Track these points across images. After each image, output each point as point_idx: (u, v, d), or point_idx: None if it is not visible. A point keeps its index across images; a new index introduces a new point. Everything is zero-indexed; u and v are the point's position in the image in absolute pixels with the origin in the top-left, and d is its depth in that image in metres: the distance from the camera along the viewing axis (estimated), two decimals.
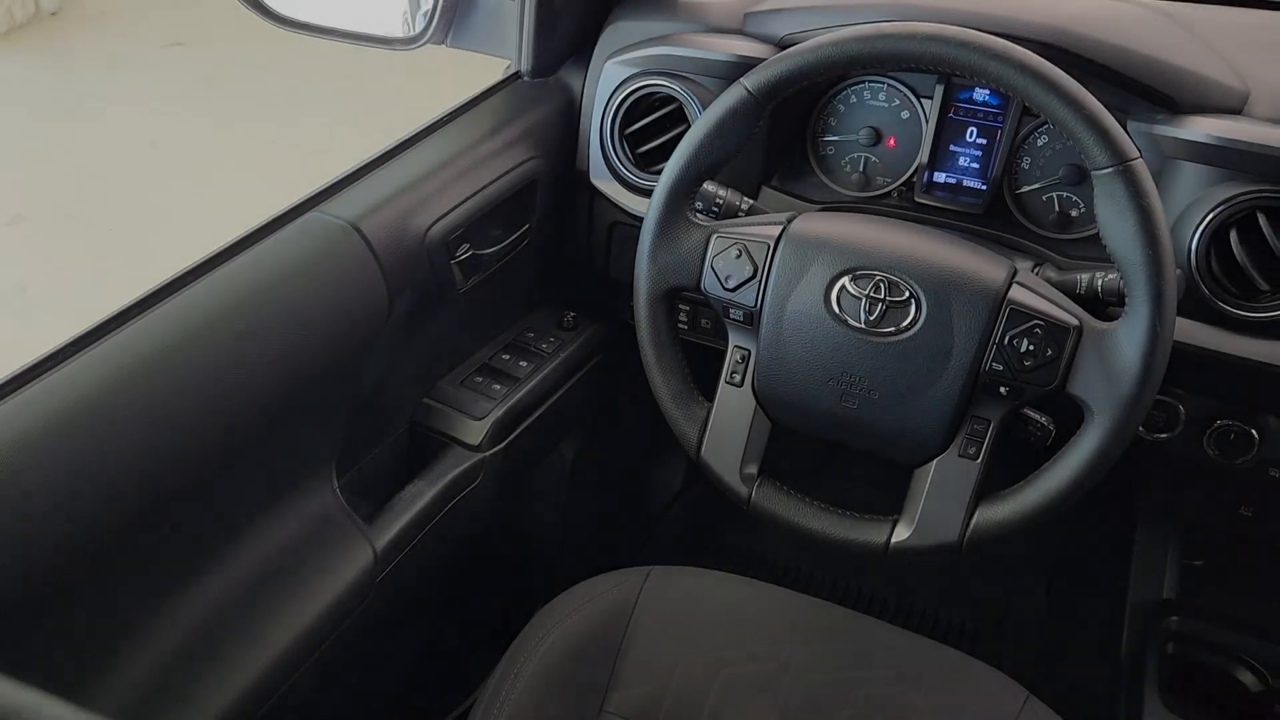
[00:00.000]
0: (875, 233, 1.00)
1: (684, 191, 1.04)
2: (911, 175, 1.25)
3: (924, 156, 1.24)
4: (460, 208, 1.15)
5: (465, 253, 1.16)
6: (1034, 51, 1.01)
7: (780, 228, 1.02)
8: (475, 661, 1.24)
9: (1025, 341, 0.92)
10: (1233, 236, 1.01)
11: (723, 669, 1.14)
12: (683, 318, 1.32)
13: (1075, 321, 0.92)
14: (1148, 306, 0.88)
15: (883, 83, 1.26)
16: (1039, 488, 0.95)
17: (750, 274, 1.01)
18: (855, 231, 1.00)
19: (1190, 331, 1.05)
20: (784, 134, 1.28)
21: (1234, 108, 1.05)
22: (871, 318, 0.97)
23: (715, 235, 1.03)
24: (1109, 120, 0.89)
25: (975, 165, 1.25)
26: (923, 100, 1.25)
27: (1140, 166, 0.88)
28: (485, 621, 1.54)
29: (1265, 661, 1.28)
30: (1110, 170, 0.88)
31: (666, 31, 1.26)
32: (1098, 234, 0.92)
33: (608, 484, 1.74)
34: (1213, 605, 1.38)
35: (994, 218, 1.21)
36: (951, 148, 1.25)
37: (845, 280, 0.98)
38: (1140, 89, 1.05)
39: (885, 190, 1.26)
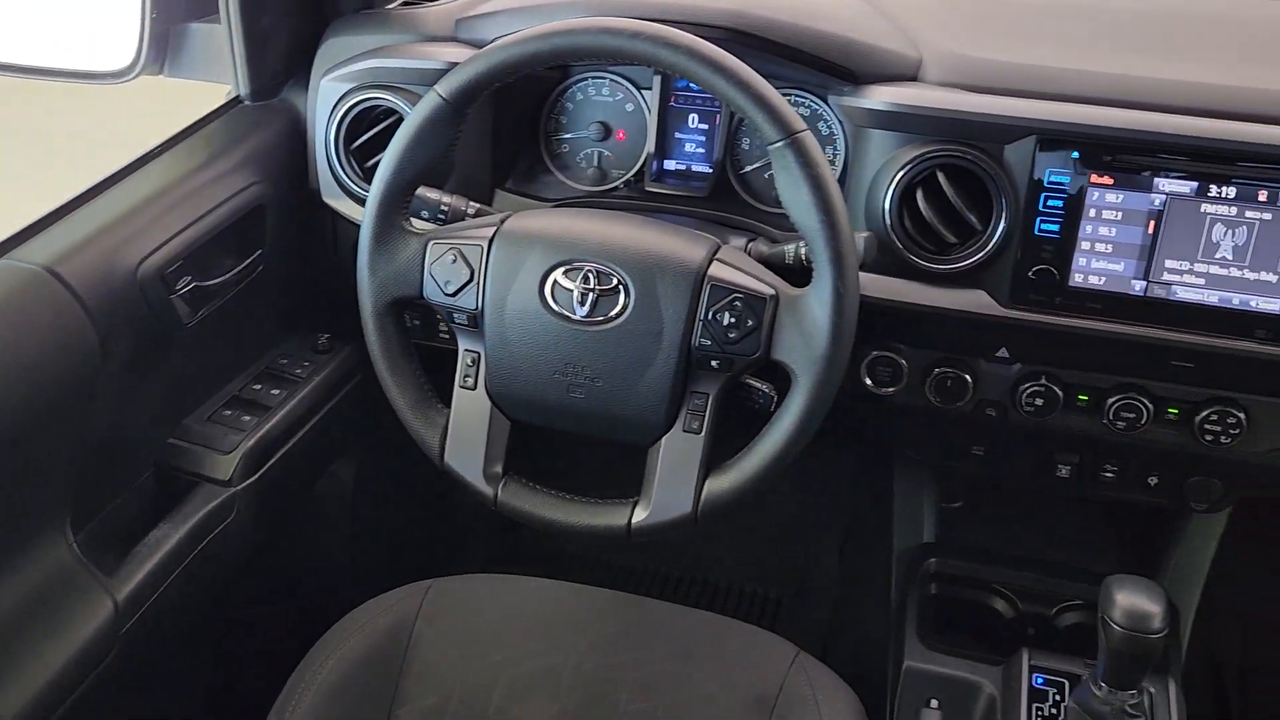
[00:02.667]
0: (583, 225, 1.02)
1: (394, 203, 1.04)
2: (642, 165, 1.28)
3: (651, 146, 1.28)
4: (176, 239, 1.12)
5: (187, 285, 1.13)
6: (716, 36, 1.06)
7: (493, 229, 1.03)
8: (255, 699, 1.21)
9: (727, 315, 0.96)
10: (919, 195, 1.07)
11: (504, 671, 1.15)
12: (421, 323, 1.32)
13: (771, 291, 0.97)
14: (830, 269, 0.93)
15: (605, 77, 1.29)
16: (759, 453, 0.99)
17: (468, 277, 1.02)
18: (563, 225, 1.03)
19: (895, 288, 1.11)
20: (515, 135, 1.30)
21: (910, 74, 1.12)
22: (585, 308, 0.99)
23: (431, 242, 1.04)
24: (775, 97, 0.93)
25: (701, 150, 1.29)
26: (643, 92, 1.29)
27: (807, 138, 0.93)
28: (269, 655, 1.50)
29: (1016, 589, 1.37)
30: (780, 144, 0.93)
31: (380, 44, 1.25)
32: None
33: (402, 500, 1.72)
34: (970, 542, 1.47)
35: (721, 198, 1.25)
36: (677, 135, 1.29)
37: (557, 274, 1.00)
38: (823, 65, 1.11)
39: (619, 182, 1.29)
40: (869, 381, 1.21)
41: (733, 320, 0.96)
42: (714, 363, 0.98)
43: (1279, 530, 1.74)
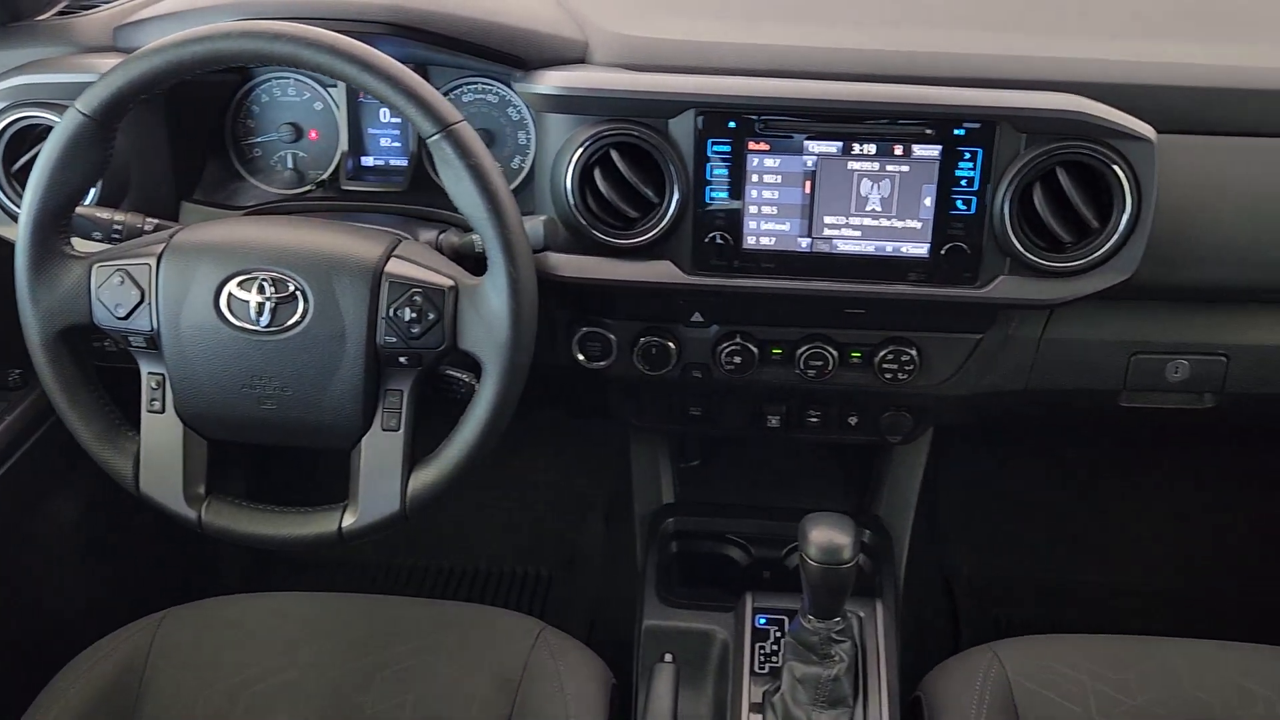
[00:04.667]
0: (254, 233, 1.00)
1: (48, 229, 0.99)
2: (338, 164, 1.27)
3: (344, 144, 1.26)
4: None
5: None
6: (374, 31, 1.05)
7: (162, 245, 1.00)
8: None
9: (408, 310, 0.97)
10: (597, 174, 1.10)
11: (244, 692, 1.12)
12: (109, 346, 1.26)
13: (449, 282, 0.98)
14: (501, 256, 0.95)
15: (289, 77, 1.26)
16: (458, 443, 1.00)
17: (138, 299, 0.98)
18: (235, 235, 1.00)
19: (587, 266, 1.14)
20: (197, 143, 1.25)
21: (577, 57, 1.15)
22: (264, 318, 0.97)
23: (95, 265, 0.99)
24: (425, 90, 0.94)
25: (397, 145, 1.29)
26: (330, 90, 1.27)
27: (463, 129, 0.94)
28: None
29: (748, 536, 1.45)
30: (437, 136, 0.94)
31: (32, 58, 1.18)
32: None
33: (141, 528, 1.64)
34: (709, 497, 1.54)
35: (421, 191, 1.25)
36: (370, 131, 1.28)
37: (231, 285, 0.98)
38: (488, 53, 1.12)
39: (314, 184, 1.27)
40: (581, 357, 1.25)
41: (414, 315, 0.97)
42: (402, 359, 0.99)
43: (989, 452, 1.91)
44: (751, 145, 1.08)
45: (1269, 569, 1.86)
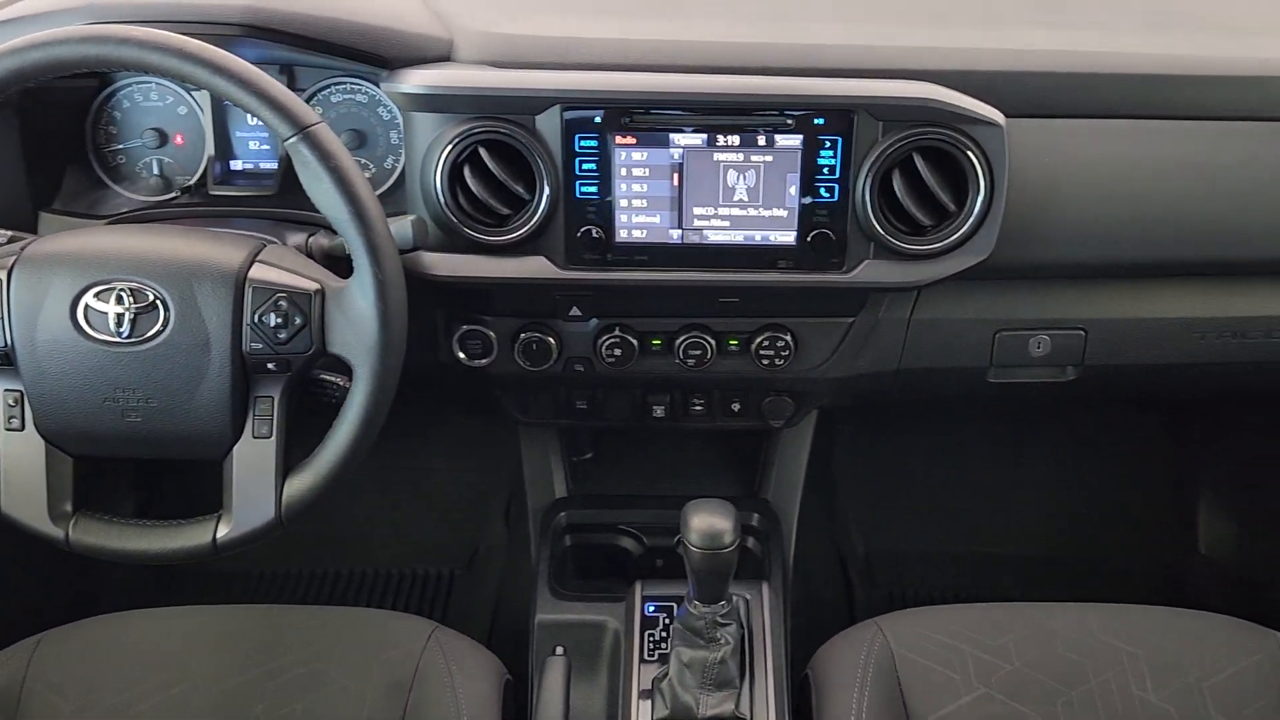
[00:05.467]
0: (111, 242, 0.98)
1: None
2: (205, 169, 1.24)
3: (210, 149, 1.24)
4: None
5: None
6: (229, 33, 1.04)
7: (13, 258, 0.97)
8: None
9: (273, 315, 0.95)
10: (467, 172, 1.10)
11: (128, 711, 1.10)
12: None
13: (315, 285, 0.97)
14: (366, 258, 0.95)
15: (150, 81, 1.23)
16: (332, 448, 0.99)
17: None
18: (91, 244, 0.98)
19: (462, 264, 1.14)
20: (55, 152, 1.22)
21: (443, 55, 1.15)
22: (124, 329, 0.95)
23: None
24: (280, 92, 0.93)
25: (266, 147, 1.27)
26: (193, 94, 1.24)
27: (320, 131, 0.93)
28: None
29: (641, 526, 1.46)
30: (294, 139, 0.93)
31: None
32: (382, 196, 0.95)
33: (20, 548, 1.59)
34: (603, 490, 1.55)
35: (292, 194, 1.22)
36: (238, 134, 1.26)
37: (88, 297, 0.95)
38: (353, 54, 1.11)
39: (180, 190, 1.24)
40: (462, 355, 1.24)
41: (280, 320, 0.96)
42: (270, 365, 0.98)
43: (881, 429, 1.96)
44: (618, 139, 1.09)
45: (1133, 531, 1.95)
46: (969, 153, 1.08)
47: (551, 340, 1.23)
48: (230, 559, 1.07)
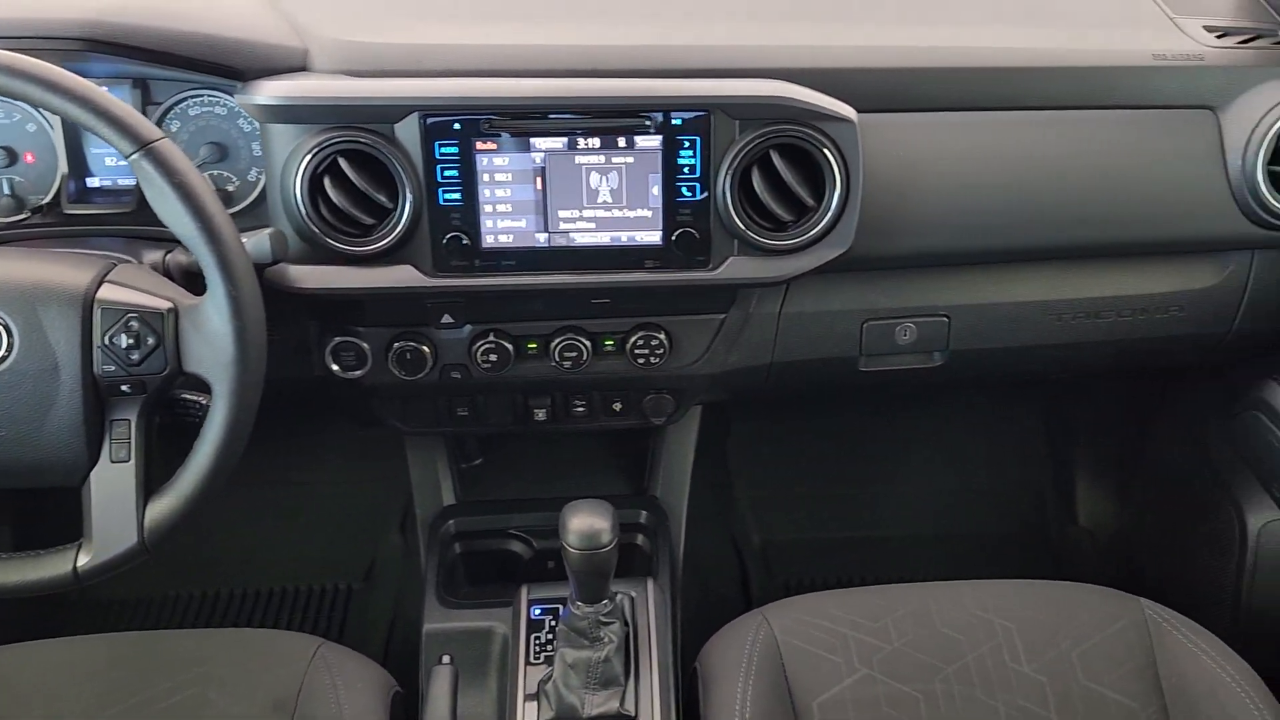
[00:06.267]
0: None
1: None
2: (59, 188, 1.20)
3: (63, 166, 1.20)
4: None
5: None
6: (70, 48, 1.01)
7: None
8: None
9: (124, 336, 0.93)
10: (327, 182, 1.08)
11: None
12: None
13: (167, 304, 0.95)
14: (218, 273, 0.93)
15: None
16: (194, 469, 0.97)
17: None
18: None
19: (328, 276, 1.12)
20: None
21: (297, 65, 1.13)
22: None
23: None
24: (119, 108, 0.91)
25: (124, 164, 1.22)
26: (41, 110, 1.20)
27: (163, 147, 0.92)
28: None
29: (530, 530, 1.46)
30: (135, 155, 0.91)
31: None
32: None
33: None
34: (493, 495, 1.55)
35: (150, 211, 1.20)
36: (93, 150, 1.22)
37: None
38: (203, 66, 1.09)
39: (36, 209, 1.20)
40: (336, 367, 1.23)
41: (131, 341, 0.93)
42: (125, 387, 0.95)
43: (774, 420, 2.00)
44: (479, 145, 1.09)
45: (1017, 507, 2.02)
46: (824, 149, 1.10)
47: (426, 348, 1.22)
48: (112, 585, 1.04)
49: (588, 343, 1.24)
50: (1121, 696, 1.13)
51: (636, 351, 1.24)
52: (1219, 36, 1.27)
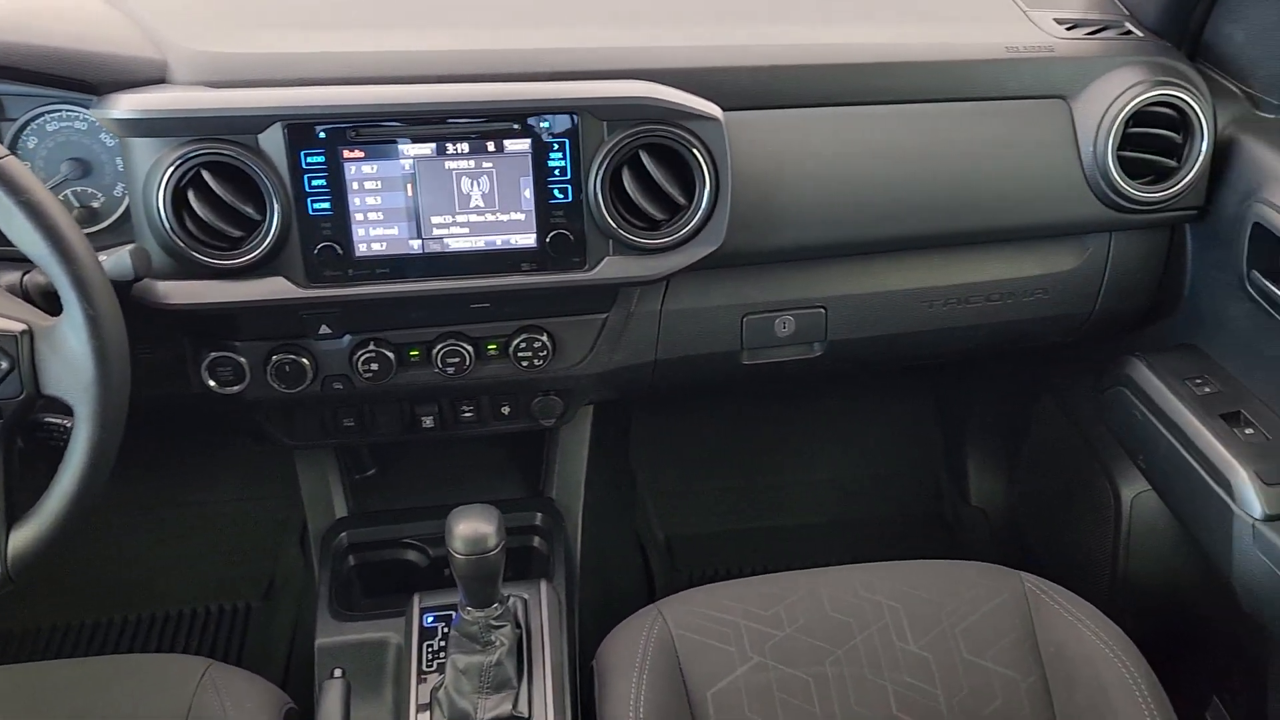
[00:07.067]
0: None
1: None
2: None
3: None
4: None
5: None
6: None
7: None
8: None
9: None
10: (190, 195, 1.06)
11: None
12: None
13: (21, 326, 0.92)
14: (73, 292, 0.91)
15: None
16: (58, 494, 0.95)
17: None
18: None
19: (197, 291, 1.10)
20: None
21: (156, 77, 1.11)
22: None
23: None
24: None
25: None
26: None
27: (8, 164, 0.89)
28: None
29: (425, 538, 1.46)
30: None
31: None
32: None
33: None
34: (389, 505, 1.54)
35: None
36: None
37: None
38: (53, 80, 1.06)
39: None
40: (213, 383, 1.21)
41: None
42: None
43: (676, 414, 2.02)
44: (346, 154, 1.08)
45: (913, 489, 2.08)
46: (693, 148, 1.12)
47: (305, 360, 1.21)
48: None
49: (470, 348, 1.23)
50: (1003, 668, 1.17)
51: (520, 354, 1.25)
52: (1069, 29, 1.32)
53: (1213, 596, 1.43)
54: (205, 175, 1.06)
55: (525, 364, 1.25)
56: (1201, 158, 1.27)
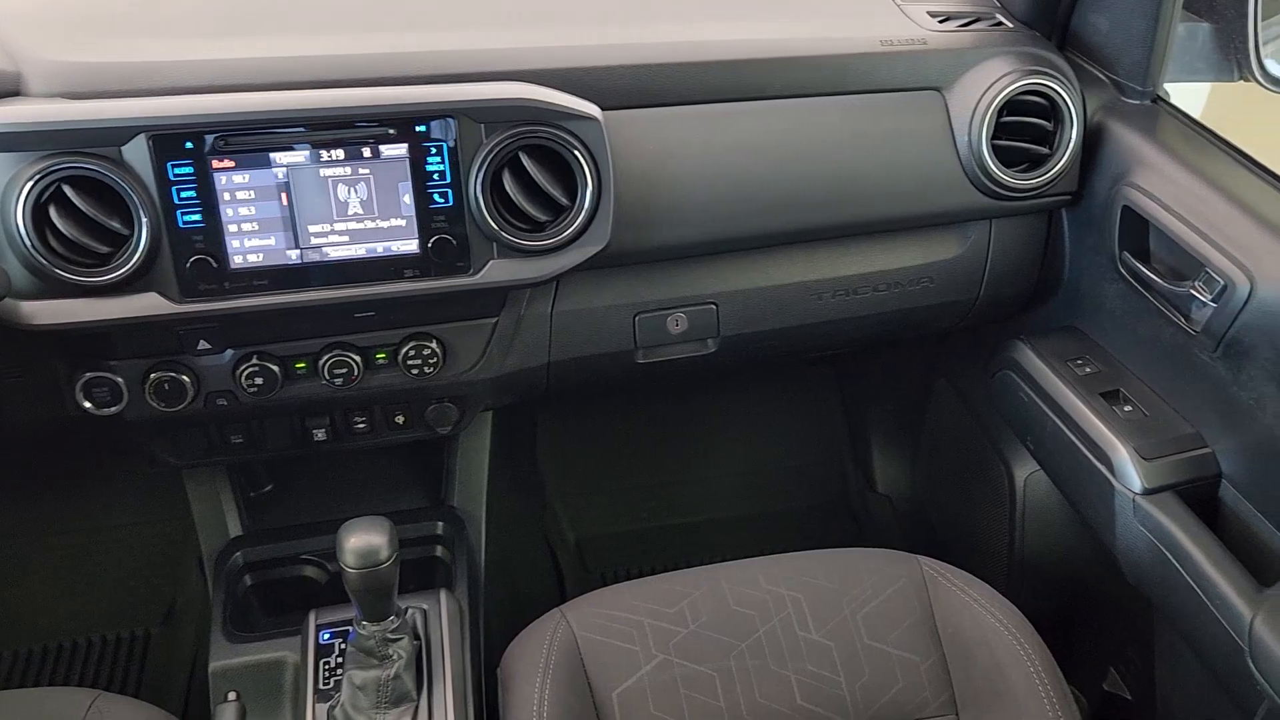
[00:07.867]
0: None
1: None
2: None
3: None
4: None
5: None
6: None
7: None
8: None
9: None
10: (52, 211, 1.03)
11: None
12: None
13: None
14: None
15: None
16: None
17: None
18: None
19: (65, 309, 1.06)
20: None
21: (11, 90, 1.07)
22: None
23: None
24: None
25: None
26: None
27: None
28: None
29: (322, 553, 1.43)
30: None
31: None
32: None
33: None
34: (286, 521, 1.50)
35: None
36: None
37: None
38: None
39: None
40: (89, 405, 1.17)
41: None
42: None
43: (584, 415, 2.01)
44: (215, 164, 1.05)
45: (820, 479, 2.10)
46: (573, 149, 1.11)
47: (185, 377, 1.17)
48: None
49: (358, 358, 1.21)
50: (903, 651, 1.19)
51: (410, 362, 1.23)
52: (942, 21, 1.35)
53: (1102, 571, 1.47)
54: (67, 190, 1.02)
55: (416, 372, 1.23)
56: (1072, 144, 1.31)
